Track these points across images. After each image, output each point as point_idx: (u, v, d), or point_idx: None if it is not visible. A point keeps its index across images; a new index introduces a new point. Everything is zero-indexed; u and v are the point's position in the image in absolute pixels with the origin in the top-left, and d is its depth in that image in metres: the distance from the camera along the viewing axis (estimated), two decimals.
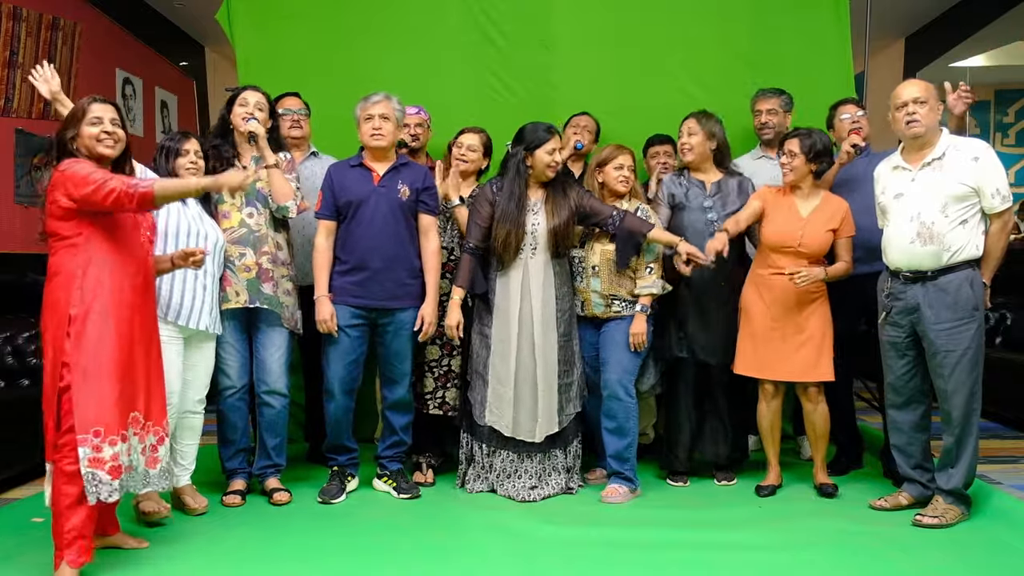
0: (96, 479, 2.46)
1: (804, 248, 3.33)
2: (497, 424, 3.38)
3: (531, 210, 3.39)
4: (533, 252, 3.37)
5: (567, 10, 4.31)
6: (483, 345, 3.43)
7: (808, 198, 3.40)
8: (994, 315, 5.24)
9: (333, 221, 3.37)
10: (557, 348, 3.36)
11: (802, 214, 3.37)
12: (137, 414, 2.60)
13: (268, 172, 3.29)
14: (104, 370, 2.49)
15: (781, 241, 3.35)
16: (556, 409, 3.37)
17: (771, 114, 3.93)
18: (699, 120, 3.57)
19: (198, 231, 3.12)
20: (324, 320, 3.30)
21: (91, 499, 2.45)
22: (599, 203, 3.41)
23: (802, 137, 3.36)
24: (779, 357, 3.36)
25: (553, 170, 3.38)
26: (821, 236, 3.34)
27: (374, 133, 3.36)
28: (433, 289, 3.39)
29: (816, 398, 3.40)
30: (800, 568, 2.67)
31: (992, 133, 8.87)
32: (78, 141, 2.62)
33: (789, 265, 3.32)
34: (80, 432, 2.44)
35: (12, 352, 4.09)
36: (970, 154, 3.01)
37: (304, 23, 4.34)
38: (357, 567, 2.70)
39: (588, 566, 2.69)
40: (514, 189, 3.36)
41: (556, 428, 3.38)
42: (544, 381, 3.34)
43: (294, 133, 3.84)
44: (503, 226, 3.33)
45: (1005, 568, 2.67)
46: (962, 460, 3.05)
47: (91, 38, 5.58)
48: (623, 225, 3.34)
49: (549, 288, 3.37)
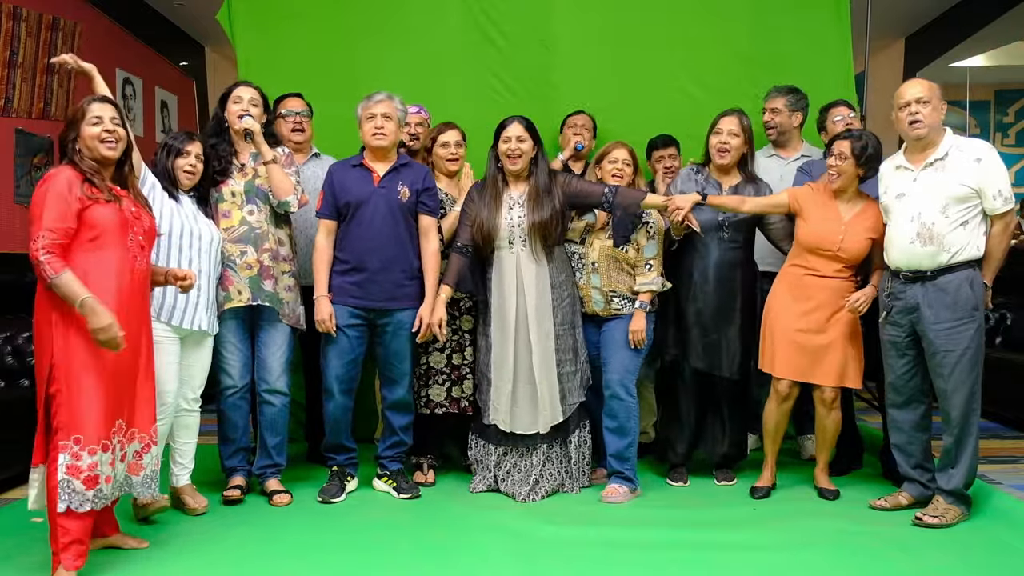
0: (70, 487, 2.44)
1: (843, 253, 3.26)
2: (496, 419, 3.38)
3: (515, 204, 3.38)
4: (524, 246, 3.35)
5: (567, 10, 4.31)
6: (485, 346, 3.44)
7: (851, 202, 3.32)
8: (994, 315, 5.24)
9: (333, 221, 3.37)
10: (554, 337, 3.35)
11: (844, 218, 3.29)
12: (121, 422, 2.58)
13: (267, 168, 3.29)
14: (89, 374, 2.47)
15: (819, 243, 3.28)
16: (559, 398, 3.36)
17: (774, 113, 3.89)
18: (740, 119, 3.49)
19: (191, 230, 3.11)
20: (323, 320, 3.30)
21: (61, 506, 2.43)
22: (588, 184, 3.40)
23: (853, 139, 3.24)
24: (805, 358, 3.31)
25: (513, 162, 3.35)
26: (862, 242, 3.27)
27: (376, 132, 3.36)
28: (432, 290, 3.39)
29: (832, 403, 3.35)
30: (800, 568, 2.67)
31: (992, 133, 8.87)
32: (80, 142, 2.61)
33: (825, 268, 3.28)
34: (61, 438, 2.44)
35: (12, 352, 4.10)
36: (973, 155, 3.01)
37: (304, 23, 4.34)
38: (357, 567, 2.70)
39: (588, 566, 2.69)
40: (488, 185, 3.40)
41: (561, 417, 3.37)
42: (542, 371, 3.33)
43: (296, 137, 3.82)
44: (477, 219, 3.36)
45: (1005, 568, 2.67)
46: (962, 460, 3.05)
47: (91, 38, 5.58)
48: (616, 200, 3.31)
49: (544, 279, 3.35)
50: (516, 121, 3.37)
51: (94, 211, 2.54)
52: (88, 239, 2.53)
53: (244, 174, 3.34)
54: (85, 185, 2.55)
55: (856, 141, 3.24)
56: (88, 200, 2.53)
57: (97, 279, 2.52)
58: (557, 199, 3.34)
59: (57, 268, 2.44)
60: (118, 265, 2.58)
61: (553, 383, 3.35)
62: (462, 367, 3.59)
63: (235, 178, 3.33)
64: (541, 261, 3.35)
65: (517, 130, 3.35)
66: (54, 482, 2.45)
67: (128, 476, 2.65)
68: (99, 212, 2.55)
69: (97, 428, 2.47)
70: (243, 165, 3.36)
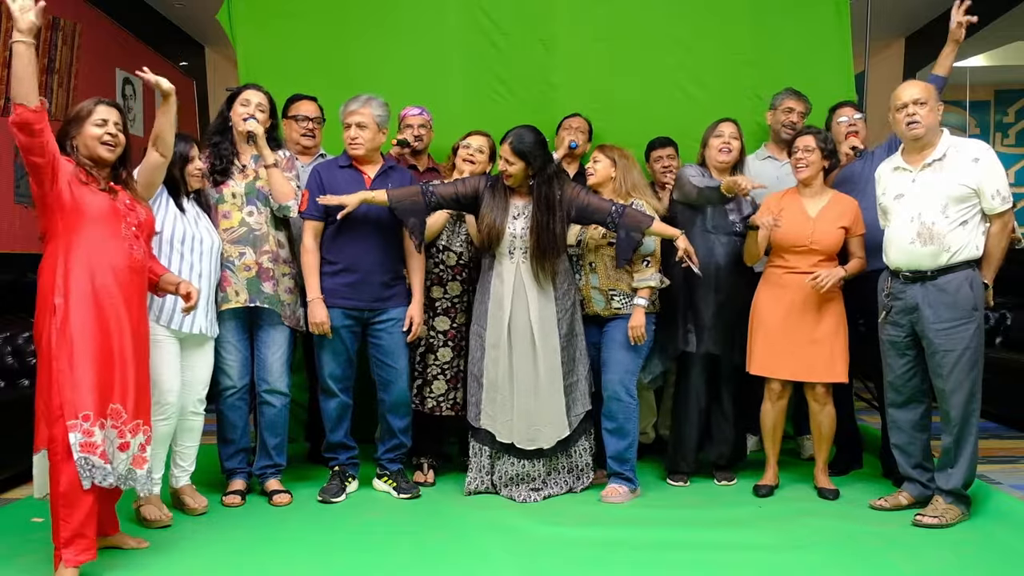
0: (90, 463, 2.45)
1: (816, 246, 3.33)
2: (492, 428, 3.38)
3: (520, 215, 3.36)
4: (524, 256, 3.34)
5: (567, 10, 4.31)
6: (478, 346, 3.43)
7: (816, 197, 3.41)
8: (994, 315, 5.24)
9: (321, 222, 3.35)
10: (560, 350, 3.34)
11: (810, 213, 3.37)
12: (117, 406, 2.57)
13: (267, 171, 3.28)
14: (86, 357, 2.48)
15: (792, 241, 3.35)
16: (564, 411, 3.36)
17: (788, 113, 3.89)
18: (738, 127, 3.58)
19: (193, 235, 3.11)
20: (322, 323, 3.29)
21: (86, 483, 2.44)
22: (598, 199, 3.36)
23: (816, 134, 3.40)
24: (792, 356, 3.35)
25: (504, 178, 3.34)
26: (833, 233, 3.34)
27: (351, 142, 3.36)
28: (419, 291, 3.42)
29: (824, 399, 3.39)
30: (800, 568, 2.67)
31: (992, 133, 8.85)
32: (78, 139, 2.62)
33: (803, 264, 3.33)
34: (69, 418, 2.44)
35: (12, 352, 4.09)
36: (970, 155, 3.02)
37: (305, 23, 4.33)
38: (357, 566, 2.70)
39: (588, 566, 2.69)
40: (498, 187, 3.38)
41: (567, 431, 3.35)
42: (550, 386, 3.32)
43: (306, 142, 3.80)
44: (488, 218, 3.33)
45: (1005, 568, 2.67)
46: (961, 460, 3.05)
47: (91, 38, 5.58)
48: (623, 220, 3.27)
49: (547, 293, 3.34)
50: (506, 143, 3.32)
51: (85, 195, 2.56)
52: (81, 224, 2.54)
53: (245, 175, 3.34)
54: (79, 169, 2.57)
55: (817, 135, 3.40)
56: (79, 182, 2.55)
57: (91, 263, 2.54)
58: (561, 213, 3.30)
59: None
60: (113, 252, 2.59)
61: (560, 396, 3.34)
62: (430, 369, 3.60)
63: (236, 179, 3.33)
64: (543, 274, 3.32)
65: (505, 151, 3.31)
66: (56, 474, 2.45)
67: (132, 469, 2.65)
68: (90, 197, 2.57)
69: (94, 406, 2.48)
70: (244, 166, 3.36)
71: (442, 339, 3.60)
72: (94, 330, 2.51)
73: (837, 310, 3.37)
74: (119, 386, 2.58)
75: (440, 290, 3.61)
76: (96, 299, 2.54)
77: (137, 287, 2.68)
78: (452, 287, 3.61)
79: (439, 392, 3.59)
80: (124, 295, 2.60)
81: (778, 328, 3.37)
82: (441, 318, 3.61)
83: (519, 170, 3.31)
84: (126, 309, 2.60)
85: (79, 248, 2.54)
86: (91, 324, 2.51)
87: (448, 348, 3.61)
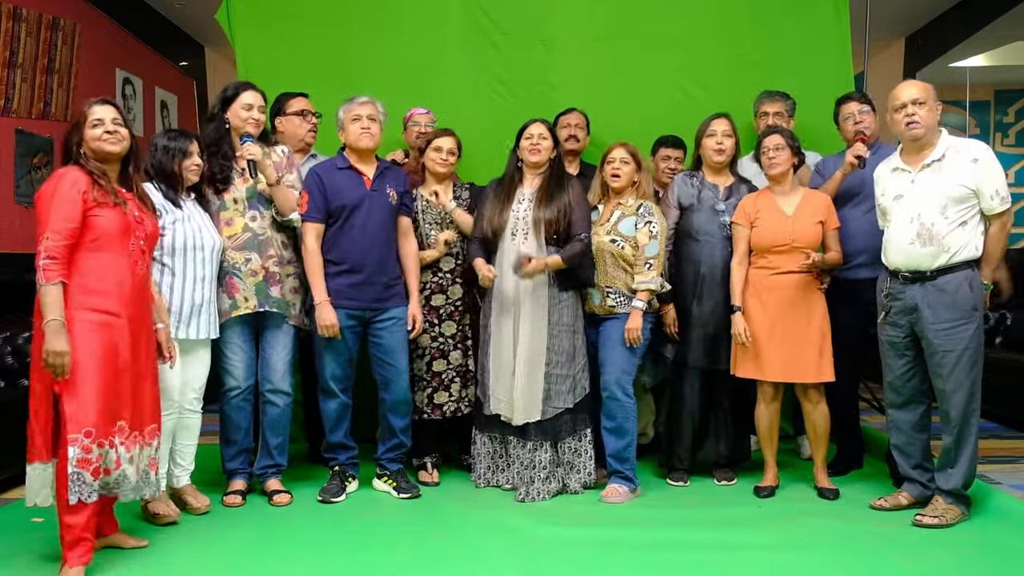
0: (81, 479, 2.48)
1: (798, 243, 3.34)
2: (497, 409, 3.41)
3: (525, 199, 3.45)
4: (525, 237, 3.39)
5: (567, 10, 4.31)
6: (486, 336, 3.48)
7: (789, 195, 3.43)
8: (994, 315, 5.24)
9: (322, 224, 3.35)
10: (547, 336, 3.36)
11: (787, 212, 3.39)
12: (123, 424, 2.61)
13: (271, 190, 3.30)
14: (91, 374, 2.51)
15: (773, 241, 3.36)
16: (541, 397, 3.36)
17: (778, 117, 3.89)
18: (730, 121, 3.59)
19: (195, 241, 3.12)
20: (331, 325, 3.28)
21: (72, 499, 2.47)
22: (581, 217, 3.40)
23: (781, 132, 3.44)
24: (779, 358, 3.36)
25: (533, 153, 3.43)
26: (812, 229, 3.37)
27: (363, 132, 3.36)
28: (416, 289, 3.45)
29: (816, 398, 3.40)
30: (800, 568, 2.67)
31: (992, 133, 8.85)
32: (84, 145, 2.65)
33: (786, 263, 3.34)
34: (71, 432, 2.47)
35: (12, 352, 4.09)
36: (969, 156, 3.02)
37: (304, 23, 4.34)
38: (357, 566, 2.71)
39: (588, 566, 2.69)
40: (504, 182, 3.50)
41: (537, 416, 3.36)
42: (526, 365, 3.34)
43: (310, 139, 3.85)
44: (489, 212, 3.46)
45: (1005, 568, 2.67)
46: (961, 460, 3.05)
47: (91, 38, 5.57)
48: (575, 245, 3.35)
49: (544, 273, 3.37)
50: (538, 122, 3.49)
51: (99, 216, 2.58)
52: (90, 240, 2.57)
53: (245, 179, 3.33)
54: (94, 188, 2.58)
55: (783, 133, 3.43)
56: (94, 203, 2.57)
57: (99, 281, 2.57)
58: (567, 199, 3.39)
59: (50, 277, 2.48)
60: (120, 269, 2.62)
61: (538, 379, 3.35)
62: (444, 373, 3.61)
63: (236, 184, 3.33)
64: (543, 253, 3.35)
65: (539, 128, 3.47)
66: (64, 477, 2.48)
67: (147, 471, 2.70)
68: (103, 218, 2.59)
69: (100, 425, 2.51)
70: (243, 170, 3.35)
71: (451, 343, 3.62)
72: (99, 347, 2.54)
73: (821, 311, 3.38)
74: (128, 404, 2.63)
75: (442, 297, 3.63)
76: (101, 316, 2.56)
77: (143, 301, 2.72)
78: (453, 291, 3.65)
79: (456, 394, 3.61)
80: (129, 313, 2.63)
81: (764, 331, 3.37)
82: (447, 323, 3.62)
83: (549, 146, 3.47)
84: (133, 326, 2.64)
85: (88, 264, 2.56)
86: (96, 341, 2.53)
87: (458, 351, 3.63)
